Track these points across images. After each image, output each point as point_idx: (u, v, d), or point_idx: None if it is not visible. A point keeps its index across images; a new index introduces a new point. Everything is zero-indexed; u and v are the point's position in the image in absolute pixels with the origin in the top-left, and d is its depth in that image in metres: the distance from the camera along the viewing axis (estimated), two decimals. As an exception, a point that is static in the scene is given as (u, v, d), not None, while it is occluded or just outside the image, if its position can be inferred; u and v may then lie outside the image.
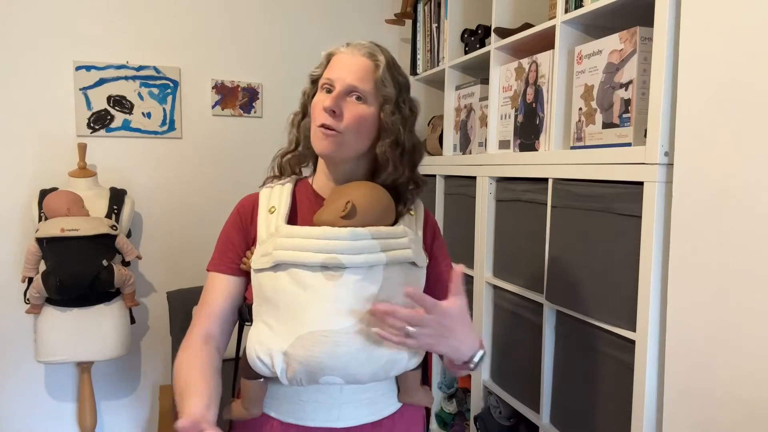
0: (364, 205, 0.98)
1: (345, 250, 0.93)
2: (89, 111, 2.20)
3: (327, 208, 1.00)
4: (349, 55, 1.00)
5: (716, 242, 1.03)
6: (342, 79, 0.98)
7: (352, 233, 0.94)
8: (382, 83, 0.99)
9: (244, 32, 2.42)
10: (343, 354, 0.90)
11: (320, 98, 1.00)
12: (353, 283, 0.93)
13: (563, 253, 1.46)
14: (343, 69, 0.99)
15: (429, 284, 1.08)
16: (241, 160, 2.44)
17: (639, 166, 1.19)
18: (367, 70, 0.99)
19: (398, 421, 1.08)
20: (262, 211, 1.04)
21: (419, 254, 1.02)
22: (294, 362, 0.91)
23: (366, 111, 0.99)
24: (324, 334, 0.90)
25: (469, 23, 2.12)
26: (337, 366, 0.91)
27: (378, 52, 1.01)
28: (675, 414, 1.13)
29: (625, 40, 1.27)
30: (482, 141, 1.92)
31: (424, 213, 1.13)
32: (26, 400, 2.23)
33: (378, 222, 0.99)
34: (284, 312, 0.93)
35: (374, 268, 0.94)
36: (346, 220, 0.96)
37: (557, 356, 1.53)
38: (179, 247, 2.38)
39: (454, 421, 2.18)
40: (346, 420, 1.01)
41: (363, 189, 1.01)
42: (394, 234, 0.99)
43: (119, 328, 2.06)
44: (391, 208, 1.03)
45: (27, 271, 1.99)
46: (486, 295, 1.85)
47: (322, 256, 0.92)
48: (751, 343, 0.98)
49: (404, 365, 0.98)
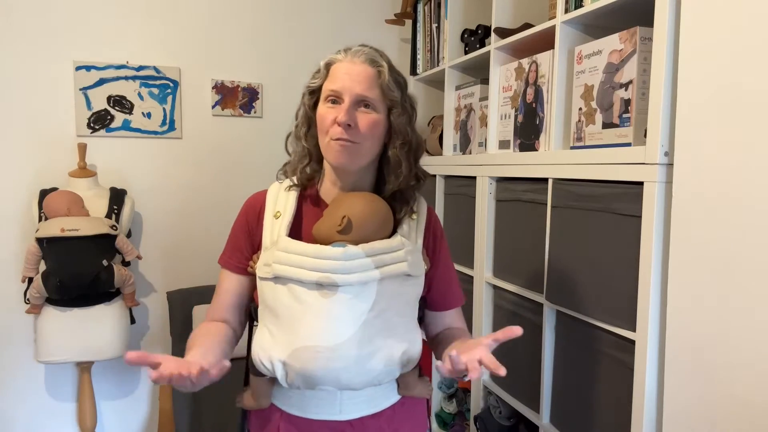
0: (361, 219, 0.98)
1: (338, 269, 0.95)
2: (89, 111, 2.20)
3: (324, 222, 1.01)
4: (350, 63, 1.00)
5: (716, 242, 1.03)
6: (349, 90, 0.97)
7: (346, 253, 0.95)
8: (389, 88, 1.00)
9: (244, 32, 2.42)
10: (335, 368, 0.93)
11: (328, 110, 1.00)
12: (347, 300, 0.95)
13: (563, 253, 1.46)
14: (348, 79, 0.98)
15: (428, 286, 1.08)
16: (241, 160, 2.44)
17: (639, 166, 1.19)
18: (372, 77, 0.99)
19: (398, 411, 1.11)
20: (269, 214, 1.06)
21: (416, 264, 1.02)
22: (291, 372, 0.94)
23: (377, 118, 1.00)
24: (317, 350, 0.93)
25: (469, 23, 2.12)
26: (330, 379, 0.94)
27: (378, 57, 1.01)
28: (675, 414, 1.13)
29: (625, 40, 1.27)
30: (482, 141, 1.92)
31: (427, 212, 1.13)
32: (26, 400, 2.23)
33: (375, 235, 1.00)
34: (283, 322, 0.97)
35: (368, 284, 0.96)
36: (343, 235, 0.97)
37: (557, 356, 1.53)
38: (179, 247, 2.38)
39: (454, 421, 2.18)
40: (348, 413, 1.05)
41: (361, 202, 1.01)
42: (390, 248, 0.99)
43: (119, 328, 2.06)
44: (389, 220, 1.04)
45: (27, 271, 1.99)
46: (486, 294, 1.85)
47: (317, 275, 0.95)
48: (751, 342, 0.98)
49: (398, 374, 1.01)
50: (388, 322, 0.98)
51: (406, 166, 1.04)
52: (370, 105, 0.99)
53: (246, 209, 1.10)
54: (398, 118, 1.02)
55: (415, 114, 1.08)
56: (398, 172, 1.04)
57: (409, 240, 1.04)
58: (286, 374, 0.95)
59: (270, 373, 0.97)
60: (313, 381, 0.95)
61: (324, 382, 0.95)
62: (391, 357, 0.97)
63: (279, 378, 0.96)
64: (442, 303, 1.15)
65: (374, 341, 0.95)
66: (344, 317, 0.94)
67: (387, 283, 0.98)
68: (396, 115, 1.02)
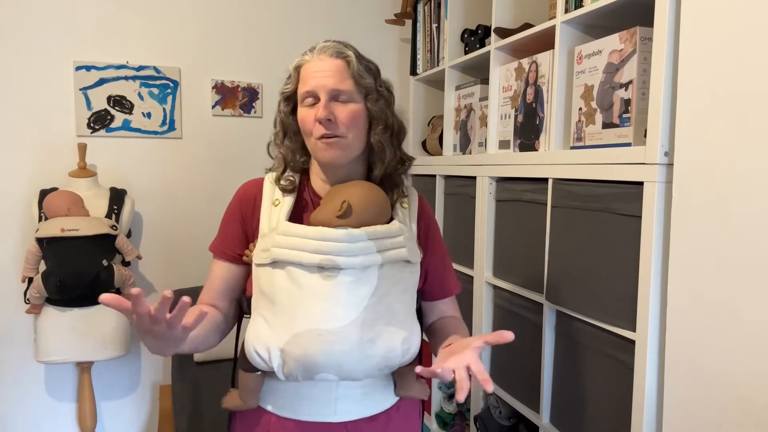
0: (360, 205, 0.98)
1: (341, 251, 0.94)
2: (89, 111, 2.20)
3: (323, 208, 1.00)
4: (318, 61, 1.00)
5: (716, 242, 1.03)
6: (323, 87, 0.98)
7: (349, 235, 0.95)
8: (360, 76, 1.00)
9: (244, 32, 2.42)
10: (337, 353, 0.91)
11: (307, 112, 1.00)
12: (348, 283, 0.94)
13: (563, 253, 1.46)
14: (320, 76, 0.98)
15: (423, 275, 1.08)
16: (241, 160, 2.44)
17: (639, 166, 1.19)
18: (342, 69, 0.99)
19: (395, 415, 1.09)
20: (266, 201, 1.05)
21: (413, 251, 1.03)
22: (290, 359, 0.92)
23: (355, 108, 1.00)
24: (319, 333, 0.91)
25: (469, 23, 2.12)
26: (331, 364, 0.92)
27: (343, 48, 1.01)
28: (675, 414, 1.13)
29: (625, 40, 1.27)
30: (482, 141, 1.92)
31: (419, 202, 1.13)
32: (26, 400, 2.23)
33: (374, 220, 1.00)
34: (281, 308, 0.95)
35: (369, 268, 0.96)
36: (342, 220, 0.97)
37: (557, 356, 1.53)
38: (179, 247, 2.38)
39: (454, 421, 2.18)
40: (343, 414, 1.02)
41: (359, 188, 1.01)
42: (390, 233, 1.00)
43: (119, 328, 2.06)
44: (387, 207, 1.04)
45: (27, 271, 1.99)
46: (486, 294, 1.85)
47: (319, 257, 0.93)
48: (751, 342, 0.98)
49: (398, 362, 0.99)
50: (389, 308, 0.97)
51: (391, 151, 1.05)
52: (345, 96, 0.99)
53: (240, 197, 1.09)
54: (375, 104, 1.02)
55: (393, 98, 1.08)
56: (383, 157, 1.04)
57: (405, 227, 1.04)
58: (283, 363, 0.93)
59: (266, 364, 0.95)
60: (313, 368, 0.92)
61: (325, 368, 0.92)
62: (392, 343, 0.95)
63: (275, 369, 0.94)
64: (440, 291, 1.15)
65: (376, 326, 0.94)
66: (346, 301, 0.93)
67: (387, 269, 0.97)
68: (372, 101, 1.02)
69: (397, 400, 1.10)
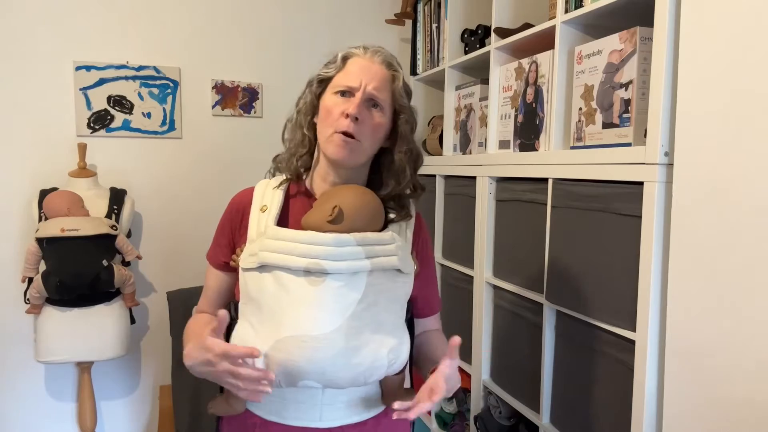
0: (352, 210, 0.97)
1: (328, 256, 0.93)
2: (89, 111, 2.20)
3: (315, 212, 0.99)
4: (368, 61, 1.01)
5: (716, 242, 1.03)
6: (364, 86, 0.98)
7: (336, 239, 0.94)
8: (399, 95, 1.02)
9: (244, 32, 2.42)
10: (321, 359, 0.90)
11: (337, 102, 0.99)
12: (335, 288, 0.93)
13: (563, 253, 1.46)
14: (364, 75, 0.99)
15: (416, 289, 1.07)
16: (241, 160, 2.44)
17: (639, 166, 1.19)
18: (387, 80, 1.01)
19: (383, 421, 1.07)
20: (255, 209, 1.05)
21: (406, 261, 1.02)
22: (273, 365, 0.91)
23: (382, 120, 1.01)
24: (303, 339, 0.90)
25: (469, 23, 2.12)
26: (315, 371, 0.91)
27: (394, 61, 1.04)
28: (675, 414, 1.13)
29: (625, 40, 1.27)
30: (482, 141, 1.92)
31: (416, 216, 1.13)
32: (26, 400, 2.23)
33: (366, 227, 0.99)
34: (267, 313, 0.94)
35: (358, 274, 0.95)
36: (333, 225, 0.96)
37: (557, 356, 1.53)
38: (179, 247, 2.38)
39: (454, 421, 2.18)
40: (328, 420, 1.01)
41: (352, 193, 1.00)
42: (381, 240, 0.99)
43: (119, 328, 2.06)
44: (380, 213, 1.03)
45: (27, 271, 1.99)
46: (486, 295, 1.85)
47: (306, 261, 0.93)
48: (751, 342, 0.98)
49: (384, 372, 0.98)
50: (377, 317, 0.96)
51: (409, 173, 1.06)
52: (378, 105, 1.00)
53: (231, 207, 1.09)
54: (405, 125, 1.04)
55: (416, 125, 1.10)
56: (400, 177, 1.05)
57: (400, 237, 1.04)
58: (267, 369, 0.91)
59: None
60: (296, 375, 0.91)
61: (308, 375, 0.91)
62: (379, 353, 0.94)
63: None
64: (428, 308, 1.15)
65: (362, 335, 0.93)
66: (332, 306, 0.92)
67: (377, 276, 0.96)
68: (403, 121, 1.04)
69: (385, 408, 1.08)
